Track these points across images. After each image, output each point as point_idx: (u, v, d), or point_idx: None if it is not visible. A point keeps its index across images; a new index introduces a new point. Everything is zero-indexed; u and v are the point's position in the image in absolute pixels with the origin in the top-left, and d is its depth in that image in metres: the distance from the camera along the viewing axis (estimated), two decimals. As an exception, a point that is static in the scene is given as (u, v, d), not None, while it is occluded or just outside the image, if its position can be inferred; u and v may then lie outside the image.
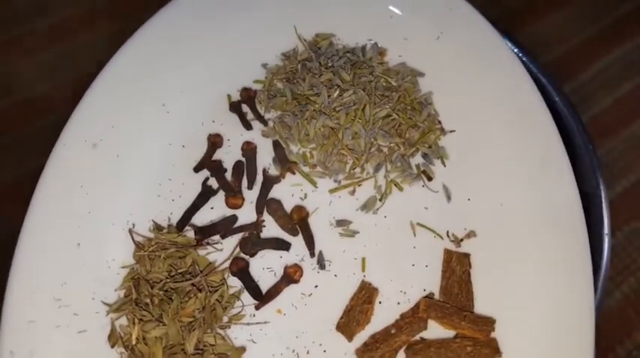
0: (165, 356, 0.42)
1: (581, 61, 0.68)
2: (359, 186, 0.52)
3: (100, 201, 0.48)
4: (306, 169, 0.53)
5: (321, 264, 0.49)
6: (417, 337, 0.46)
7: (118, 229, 0.48)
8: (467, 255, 0.48)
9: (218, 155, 0.53)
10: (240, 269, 0.47)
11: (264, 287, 0.48)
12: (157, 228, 0.48)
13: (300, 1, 0.59)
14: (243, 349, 0.45)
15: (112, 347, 0.43)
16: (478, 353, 0.44)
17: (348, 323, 0.46)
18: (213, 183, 0.51)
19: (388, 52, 0.58)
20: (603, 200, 0.53)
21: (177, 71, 0.55)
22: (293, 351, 0.46)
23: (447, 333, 0.46)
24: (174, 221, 0.49)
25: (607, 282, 0.50)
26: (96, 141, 0.50)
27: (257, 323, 0.46)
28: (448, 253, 0.49)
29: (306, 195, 0.52)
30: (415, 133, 0.54)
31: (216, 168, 0.51)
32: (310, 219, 0.50)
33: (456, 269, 0.48)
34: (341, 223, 0.51)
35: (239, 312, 0.46)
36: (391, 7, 0.59)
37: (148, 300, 0.44)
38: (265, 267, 0.49)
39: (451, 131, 0.54)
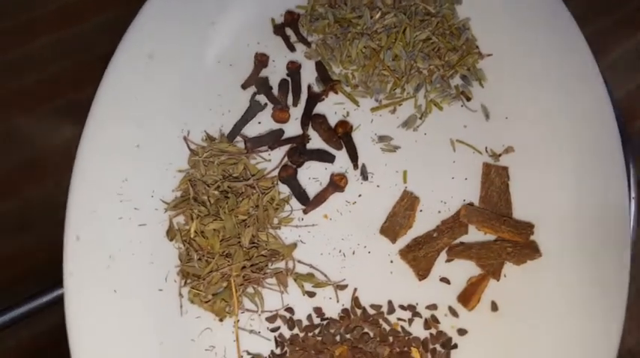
0: (223, 248, 0.45)
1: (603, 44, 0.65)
2: (399, 105, 0.54)
3: (155, 109, 0.50)
4: (348, 89, 0.55)
5: (364, 175, 0.51)
6: (458, 241, 0.48)
7: (173, 136, 0.50)
8: (505, 168, 0.51)
9: (264, 74, 0.55)
10: (289, 176, 0.50)
11: (311, 194, 0.50)
12: (210, 138, 0.51)
13: None
14: (294, 245, 0.47)
15: (171, 240, 0.46)
16: (519, 253, 0.46)
17: (392, 227, 0.49)
18: (260, 99, 0.54)
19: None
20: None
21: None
22: (340, 251, 0.49)
23: (488, 238, 0.49)
24: (226, 133, 0.52)
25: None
26: (151, 53, 0.52)
27: (305, 226, 0.49)
28: (487, 166, 0.51)
29: (348, 113, 0.54)
30: (454, 56, 0.55)
31: (263, 85, 0.53)
32: (352, 134, 0.53)
33: (495, 180, 0.50)
34: (382, 139, 0.53)
35: (288, 215, 0.49)
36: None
37: (205, 198, 0.46)
38: (311, 177, 0.51)
39: (488, 55, 0.56)
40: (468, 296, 0.46)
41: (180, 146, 0.50)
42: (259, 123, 0.53)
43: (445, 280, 0.47)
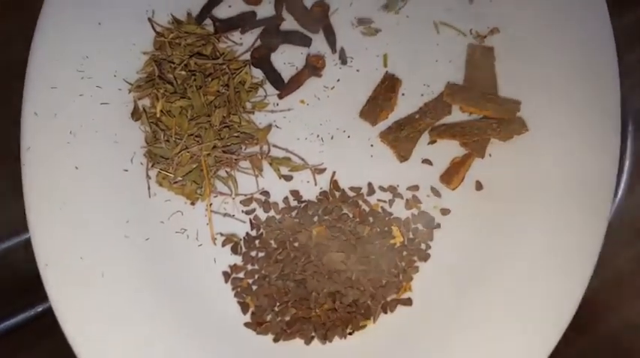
0: (191, 128, 0.42)
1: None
2: (380, -13, 0.51)
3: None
4: (325, -31, 0.51)
5: (343, 59, 0.48)
6: (441, 122, 0.46)
7: (137, 17, 0.46)
8: (490, 48, 0.48)
9: (233, -47, 0.51)
10: (262, 58, 0.47)
11: (287, 79, 0.47)
12: (176, 20, 0.47)
13: None
14: (268, 128, 0.45)
15: (136, 121, 0.43)
16: (505, 128, 0.44)
17: (372, 110, 0.46)
18: (230, -19, 0.50)
19: None
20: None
21: None
22: (317, 136, 0.46)
23: (473, 118, 0.46)
24: (194, 15, 0.48)
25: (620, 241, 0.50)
26: None
27: (281, 111, 0.46)
28: (472, 47, 0.48)
29: (326, -4, 0.51)
30: None
31: (234, -36, 0.50)
32: (330, 17, 0.49)
33: (480, 61, 0.47)
34: (362, 22, 0.49)
35: (262, 100, 0.46)
36: None
37: (171, 77, 0.43)
38: (286, 61, 0.48)
39: None
40: (451, 175, 0.44)
41: (144, 28, 0.46)
42: (230, 6, 0.49)
43: (427, 161, 0.45)
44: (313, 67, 0.47)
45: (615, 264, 0.53)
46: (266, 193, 0.44)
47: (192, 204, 0.43)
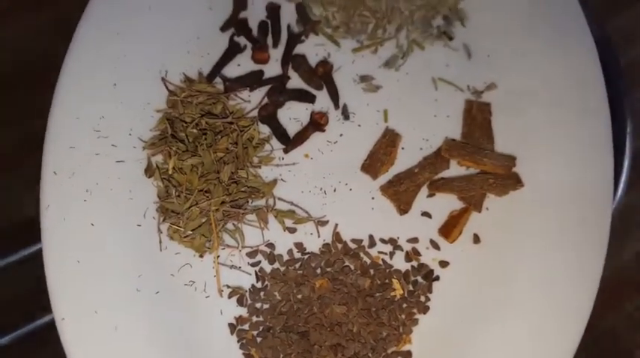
0: (201, 184, 0.44)
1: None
2: (381, 45, 0.53)
3: (133, 50, 0.49)
4: (329, 31, 0.54)
5: (346, 115, 0.51)
6: (439, 176, 0.48)
7: (151, 77, 0.49)
8: (487, 104, 0.50)
9: (243, 16, 0.54)
10: (269, 115, 0.49)
11: (292, 134, 0.50)
12: (188, 79, 0.50)
13: None
14: (274, 182, 0.47)
15: (149, 177, 0.46)
16: (501, 184, 0.46)
17: (373, 164, 0.48)
18: (240, 41, 0.53)
19: None
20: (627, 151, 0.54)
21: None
22: (321, 189, 0.48)
23: (470, 173, 0.48)
24: (205, 74, 0.51)
25: (620, 238, 0.51)
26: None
27: (286, 165, 0.49)
28: (469, 103, 0.50)
29: (329, 54, 0.53)
30: None
31: (242, 26, 0.52)
32: (334, 76, 0.52)
33: (477, 116, 0.49)
34: (364, 79, 0.52)
35: (268, 154, 0.48)
36: None
37: (182, 135, 0.46)
38: (292, 117, 0.50)
39: None
40: (450, 228, 0.46)
41: (158, 87, 0.49)
42: (239, 65, 0.52)
43: (427, 214, 0.47)
44: (317, 123, 0.49)
45: (616, 261, 0.55)
46: (271, 245, 0.46)
47: (201, 256, 0.45)
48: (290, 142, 0.49)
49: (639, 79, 0.61)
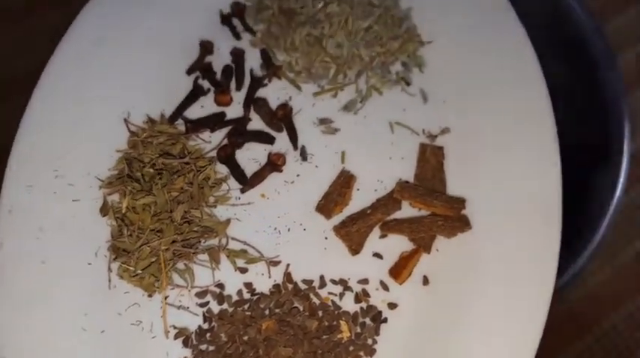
0: (154, 223, 0.45)
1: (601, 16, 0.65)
2: (341, 90, 0.55)
3: (97, 91, 0.51)
4: (291, 75, 0.56)
5: (304, 156, 0.52)
6: (391, 217, 0.49)
7: (114, 118, 0.51)
8: (440, 148, 0.51)
9: (208, 60, 0.56)
10: (227, 155, 0.50)
11: (250, 175, 0.51)
12: (151, 120, 0.52)
13: None
14: (227, 222, 0.48)
15: (104, 216, 0.46)
16: (450, 226, 0.46)
17: (327, 204, 0.49)
18: (204, 84, 0.55)
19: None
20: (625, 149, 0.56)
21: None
22: (275, 229, 0.49)
23: (421, 214, 0.49)
24: (167, 116, 0.52)
25: (620, 238, 0.53)
26: (100, 37, 0.53)
27: (242, 205, 0.49)
28: (423, 146, 0.51)
29: (290, 97, 0.54)
30: (395, 44, 0.57)
31: (207, 70, 0.54)
32: (294, 118, 0.54)
33: (430, 159, 0.51)
34: (323, 121, 0.53)
35: (225, 194, 0.49)
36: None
37: (139, 175, 0.47)
38: (251, 158, 0.52)
39: (429, 42, 0.57)
40: (399, 269, 0.46)
41: (120, 128, 0.51)
42: (202, 107, 0.53)
43: (378, 255, 0.47)
44: (274, 164, 0.50)
45: (617, 261, 0.55)
46: (221, 286, 0.46)
47: (150, 296, 0.45)
48: (247, 182, 0.50)
49: (637, 79, 0.62)
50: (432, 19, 0.57)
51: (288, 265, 0.47)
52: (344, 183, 0.50)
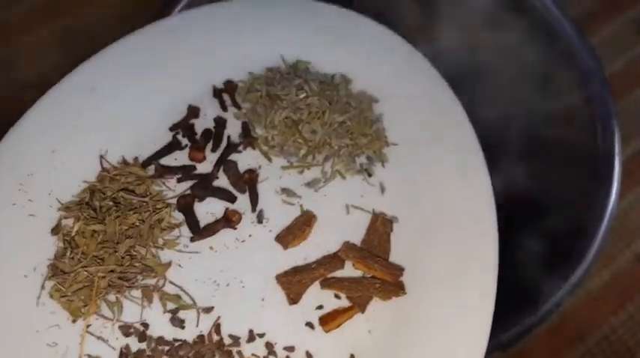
0: (98, 250, 0.46)
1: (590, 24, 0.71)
2: (308, 169, 0.60)
3: (81, 128, 0.56)
4: (265, 148, 0.61)
5: (260, 219, 0.54)
6: (333, 274, 0.51)
7: (91, 154, 0.54)
8: (390, 220, 0.55)
9: (192, 122, 0.61)
10: (187, 204, 0.53)
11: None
12: (124, 162, 0.55)
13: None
14: (168, 264, 0.49)
15: (53, 235, 0.48)
16: (385, 289, 0.49)
17: (287, 236, 0.52)
18: (183, 141, 0.59)
19: (353, 82, 0.69)
20: (617, 157, 0.58)
21: (181, 62, 0.66)
22: (214, 281, 0.50)
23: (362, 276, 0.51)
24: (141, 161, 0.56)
25: (618, 242, 0.55)
26: (93, 87, 0.59)
27: (189, 252, 0.51)
28: (375, 216, 0.55)
29: (260, 166, 0.59)
30: (364, 140, 0.62)
31: (188, 128, 0.59)
32: (259, 184, 0.57)
33: (379, 228, 0.55)
34: (285, 191, 0.57)
35: (174, 240, 0.51)
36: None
37: (97, 204, 0.49)
38: (209, 211, 0.54)
39: (394, 144, 0.62)
40: (330, 318, 0.47)
41: (94, 164, 0.54)
42: (175, 159, 0.57)
43: (310, 325, 0.48)
44: (229, 219, 0.53)
45: (615, 264, 0.53)
46: (146, 325, 0.46)
47: (74, 321, 0.45)
48: (199, 232, 0.52)
49: (626, 88, 0.65)
50: (400, 123, 0.64)
51: (218, 317, 0.47)
52: (305, 220, 0.53)
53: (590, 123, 0.61)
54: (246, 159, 0.59)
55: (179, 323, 0.46)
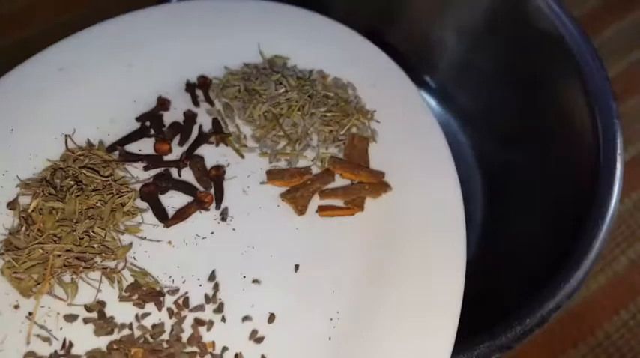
0: (55, 228, 0.45)
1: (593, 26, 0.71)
2: (287, 157, 0.59)
3: (45, 110, 0.55)
4: (236, 145, 0.60)
5: (223, 217, 0.54)
6: (327, 187, 0.57)
7: (53, 134, 0.53)
8: (367, 138, 0.61)
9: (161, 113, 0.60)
10: (150, 193, 0.52)
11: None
12: (90, 144, 0.54)
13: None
14: (129, 247, 0.48)
15: (10, 209, 0.46)
16: (374, 189, 0.56)
17: (277, 174, 0.57)
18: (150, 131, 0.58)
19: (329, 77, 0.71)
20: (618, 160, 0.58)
21: (156, 53, 0.65)
22: (170, 277, 0.49)
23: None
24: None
25: (614, 248, 0.57)
26: (62, 68, 0.58)
27: (150, 240, 0.49)
28: (352, 135, 0.61)
29: (229, 164, 0.58)
30: (346, 120, 0.62)
31: (156, 119, 0.59)
32: (226, 182, 0.57)
33: (357, 145, 0.61)
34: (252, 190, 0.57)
35: (137, 226, 0.50)
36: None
37: (58, 182, 0.48)
38: (171, 206, 0.53)
39: (373, 111, 0.63)
40: (328, 208, 0.54)
41: (57, 144, 0.53)
42: (140, 150, 0.56)
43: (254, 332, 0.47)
44: (201, 201, 0.53)
45: (609, 271, 0.54)
46: (102, 303, 0.44)
47: (16, 308, 0.43)
48: (171, 217, 0.51)
49: (627, 91, 0.66)
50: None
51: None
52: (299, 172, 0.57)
53: (591, 124, 0.60)
54: (214, 156, 0.59)
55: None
